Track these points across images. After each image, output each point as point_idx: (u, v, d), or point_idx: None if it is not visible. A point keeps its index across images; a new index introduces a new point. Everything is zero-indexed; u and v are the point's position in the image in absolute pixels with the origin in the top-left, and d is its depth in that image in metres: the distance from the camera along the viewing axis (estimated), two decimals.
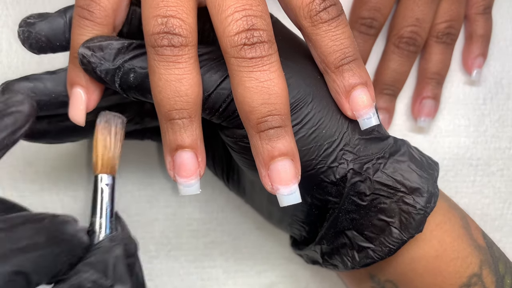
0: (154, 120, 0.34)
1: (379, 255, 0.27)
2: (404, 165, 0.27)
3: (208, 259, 0.37)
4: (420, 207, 0.26)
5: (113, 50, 0.24)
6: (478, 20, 0.39)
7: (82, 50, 0.24)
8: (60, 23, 0.26)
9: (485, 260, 0.28)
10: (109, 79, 0.25)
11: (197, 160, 0.24)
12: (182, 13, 0.23)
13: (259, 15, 0.23)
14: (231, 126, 0.26)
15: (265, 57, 0.23)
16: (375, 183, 0.26)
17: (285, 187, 0.24)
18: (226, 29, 0.23)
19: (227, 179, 0.34)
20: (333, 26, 0.25)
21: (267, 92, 0.23)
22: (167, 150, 0.25)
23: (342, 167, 0.26)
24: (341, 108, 0.26)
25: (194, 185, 0.25)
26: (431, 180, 0.27)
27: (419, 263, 0.27)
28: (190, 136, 0.24)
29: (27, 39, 0.26)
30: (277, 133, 0.23)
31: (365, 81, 0.26)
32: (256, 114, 0.23)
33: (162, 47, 0.23)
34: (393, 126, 0.39)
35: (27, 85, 0.26)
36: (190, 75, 0.23)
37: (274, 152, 0.24)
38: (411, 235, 0.26)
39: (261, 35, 0.23)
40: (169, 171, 0.25)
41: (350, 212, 0.27)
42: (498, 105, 0.40)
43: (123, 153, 0.37)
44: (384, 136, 0.27)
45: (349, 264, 0.28)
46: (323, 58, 0.25)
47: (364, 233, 0.27)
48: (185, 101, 0.23)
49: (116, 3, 0.25)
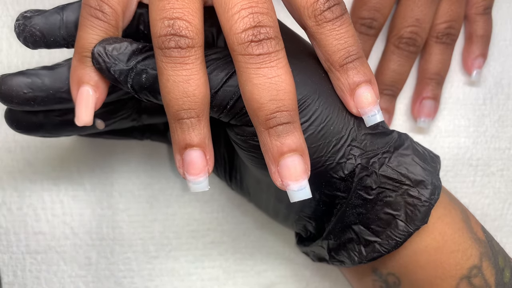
0: (151, 117, 0.34)
1: (386, 249, 0.27)
2: (408, 158, 0.27)
3: (208, 259, 0.37)
4: (425, 199, 0.27)
5: (127, 51, 0.25)
6: (478, 20, 0.39)
7: (98, 49, 0.25)
8: (57, 19, 0.26)
9: (485, 253, 0.28)
10: (122, 79, 0.25)
11: (205, 158, 0.25)
12: (188, 15, 0.24)
13: (265, 12, 0.24)
14: (239, 123, 0.26)
15: (272, 53, 0.23)
16: (381, 177, 0.26)
17: (295, 182, 0.24)
18: (233, 27, 0.23)
19: (229, 178, 0.35)
20: (337, 25, 0.25)
21: (275, 88, 0.23)
22: (176, 149, 0.25)
23: (350, 163, 0.26)
24: (346, 105, 0.26)
25: (203, 182, 0.25)
26: (434, 173, 0.28)
27: (421, 255, 0.28)
28: (199, 135, 0.24)
29: (22, 32, 0.26)
30: (286, 129, 0.24)
31: (369, 79, 0.26)
32: (264, 110, 0.24)
33: (169, 49, 0.23)
34: (393, 126, 0.39)
35: (24, 81, 0.26)
36: (197, 75, 0.24)
37: (284, 148, 0.24)
38: (417, 227, 0.27)
39: (267, 32, 0.23)
40: (179, 169, 0.25)
41: (357, 207, 0.27)
42: (498, 105, 0.40)
43: (124, 154, 0.38)
44: (388, 131, 0.28)
45: (356, 259, 0.28)
46: (328, 56, 0.26)
47: (370, 227, 0.27)
48: (193, 101, 0.24)
49: (125, 5, 0.26)
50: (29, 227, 0.37)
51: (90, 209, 0.37)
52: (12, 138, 0.37)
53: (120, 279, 0.37)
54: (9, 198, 0.37)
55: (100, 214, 0.37)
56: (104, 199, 0.37)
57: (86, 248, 0.37)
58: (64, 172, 0.37)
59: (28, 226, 0.37)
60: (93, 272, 0.37)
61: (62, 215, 0.37)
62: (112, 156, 0.37)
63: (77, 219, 0.37)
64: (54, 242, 0.37)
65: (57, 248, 0.37)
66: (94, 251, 0.37)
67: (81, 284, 0.37)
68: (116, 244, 0.37)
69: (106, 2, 0.25)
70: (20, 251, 0.37)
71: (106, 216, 0.37)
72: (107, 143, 0.37)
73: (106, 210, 0.37)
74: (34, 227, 0.37)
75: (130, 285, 0.37)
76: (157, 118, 0.34)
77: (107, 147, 0.37)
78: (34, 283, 0.37)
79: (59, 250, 0.37)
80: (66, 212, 0.37)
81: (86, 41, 0.25)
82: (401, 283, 0.29)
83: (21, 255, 0.37)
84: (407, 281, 0.28)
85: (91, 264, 0.37)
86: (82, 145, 0.37)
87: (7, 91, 0.26)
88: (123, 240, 0.37)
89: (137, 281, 0.37)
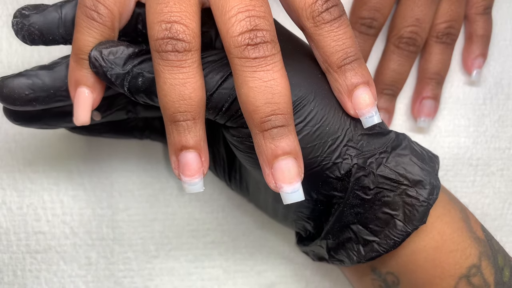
0: (147, 110, 0.34)
1: (384, 248, 0.27)
2: (406, 158, 0.27)
3: (208, 259, 0.37)
4: (423, 199, 0.27)
5: (124, 55, 0.25)
6: (478, 20, 0.39)
7: (94, 54, 0.25)
8: (55, 18, 0.26)
9: (484, 252, 0.28)
10: (119, 83, 0.25)
11: (200, 160, 0.25)
12: (185, 18, 0.24)
13: (262, 15, 0.24)
14: (235, 125, 0.26)
15: (268, 57, 0.24)
16: (379, 177, 0.26)
17: (289, 185, 0.24)
18: (229, 30, 0.23)
19: (229, 179, 0.35)
20: (335, 26, 0.25)
21: (270, 92, 0.24)
22: (172, 150, 0.25)
23: (346, 163, 0.26)
24: (344, 107, 0.26)
25: (198, 184, 0.25)
26: (432, 173, 0.28)
27: (420, 255, 0.28)
28: (194, 137, 0.25)
29: (20, 30, 0.26)
30: (280, 132, 0.24)
31: (367, 80, 0.26)
32: (259, 113, 0.24)
33: (166, 52, 0.23)
34: (393, 126, 0.39)
35: (25, 82, 0.27)
36: (194, 79, 0.24)
37: (278, 151, 0.24)
38: (415, 227, 0.27)
39: (264, 36, 0.23)
40: (174, 170, 0.26)
41: (354, 207, 0.27)
42: (498, 105, 0.40)
43: (123, 153, 0.38)
44: (385, 131, 0.28)
45: (355, 258, 0.28)
46: (326, 58, 0.26)
47: (369, 227, 0.27)
48: (189, 104, 0.24)
49: (122, 5, 0.26)
50: (29, 226, 0.37)
51: (90, 209, 0.37)
52: (12, 138, 0.37)
53: (120, 278, 0.37)
54: (9, 198, 0.37)
55: (100, 214, 0.37)
56: (104, 199, 0.37)
57: (86, 247, 0.37)
58: (64, 172, 0.37)
59: (28, 226, 0.37)
60: (93, 272, 0.37)
61: (62, 215, 0.37)
62: (112, 156, 0.37)
63: (77, 219, 0.37)
64: (54, 241, 0.37)
65: (57, 248, 0.37)
66: (94, 251, 0.37)
67: (81, 283, 0.37)
68: (116, 243, 0.37)
69: (102, 2, 0.25)
70: (20, 250, 0.37)
71: (106, 216, 0.37)
72: (107, 142, 0.37)
73: (106, 210, 0.37)
74: (34, 226, 0.37)
75: (130, 284, 0.37)
76: (153, 112, 0.35)
77: (107, 146, 0.37)
78: (34, 283, 0.37)
79: (59, 249, 0.37)
80: (66, 212, 0.37)
81: (82, 44, 0.25)
82: (400, 283, 0.29)
83: (21, 254, 0.37)
84: (406, 281, 0.29)
85: (91, 264, 0.37)
86: (82, 145, 0.37)
87: (10, 93, 0.26)
88: (123, 239, 0.37)
89: (137, 281, 0.37)
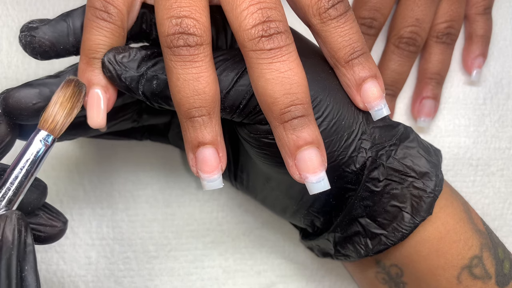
0: (151, 118, 0.34)
1: (392, 241, 0.27)
2: (413, 150, 0.28)
3: (208, 259, 0.37)
4: (430, 191, 0.27)
5: (137, 58, 0.25)
6: (478, 20, 0.39)
7: (108, 57, 0.25)
8: (64, 27, 0.26)
9: (486, 244, 0.29)
10: (134, 86, 0.25)
11: (218, 155, 0.25)
12: (195, 12, 0.24)
13: (274, 6, 0.24)
14: (253, 122, 0.26)
15: (283, 47, 0.24)
16: (388, 169, 0.27)
17: (314, 175, 0.24)
18: (242, 23, 0.23)
19: (234, 177, 0.35)
20: (341, 22, 0.25)
21: (288, 82, 0.23)
22: (189, 148, 0.25)
23: (361, 156, 0.27)
24: (353, 100, 0.27)
25: (217, 180, 0.25)
26: (438, 165, 0.28)
27: (423, 246, 0.28)
28: (211, 133, 0.24)
29: (29, 43, 0.26)
30: (301, 122, 0.24)
31: (375, 74, 0.26)
32: (279, 105, 0.24)
33: (178, 47, 0.23)
34: None
35: (32, 91, 0.25)
36: (207, 73, 0.24)
37: (300, 142, 0.24)
38: (423, 218, 0.27)
39: (277, 26, 0.23)
40: (192, 168, 0.25)
41: (364, 199, 0.27)
42: (498, 105, 0.40)
43: (123, 153, 0.38)
44: (395, 123, 0.28)
45: (363, 252, 0.28)
46: (333, 53, 0.26)
47: (377, 220, 0.28)
48: (203, 99, 0.24)
49: (130, 5, 0.26)
50: None
51: (90, 208, 0.37)
52: None
53: (120, 278, 0.37)
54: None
55: (100, 213, 0.37)
56: (104, 199, 0.37)
57: (86, 247, 0.37)
58: (64, 172, 0.37)
59: None
60: (92, 272, 0.37)
61: None
62: (111, 156, 0.37)
63: (77, 219, 0.37)
64: None
65: (56, 248, 0.37)
66: (93, 251, 0.37)
67: (80, 283, 0.37)
68: (116, 243, 0.37)
69: (111, 2, 0.25)
70: None
71: (106, 216, 0.37)
72: (107, 143, 0.37)
73: (106, 209, 0.37)
74: None
75: (130, 284, 0.37)
76: (157, 119, 0.35)
77: (107, 147, 0.37)
78: None
79: (58, 249, 0.37)
80: (66, 212, 0.37)
81: (93, 43, 0.25)
82: (403, 274, 0.29)
83: None
84: (409, 272, 0.29)
85: (91, 264, 0.37)
86: (82, 145, 0.37)
87: (16, 104, 0.25)
88: (123, 239, 0.37)
89: (137, 281, 0.37)
